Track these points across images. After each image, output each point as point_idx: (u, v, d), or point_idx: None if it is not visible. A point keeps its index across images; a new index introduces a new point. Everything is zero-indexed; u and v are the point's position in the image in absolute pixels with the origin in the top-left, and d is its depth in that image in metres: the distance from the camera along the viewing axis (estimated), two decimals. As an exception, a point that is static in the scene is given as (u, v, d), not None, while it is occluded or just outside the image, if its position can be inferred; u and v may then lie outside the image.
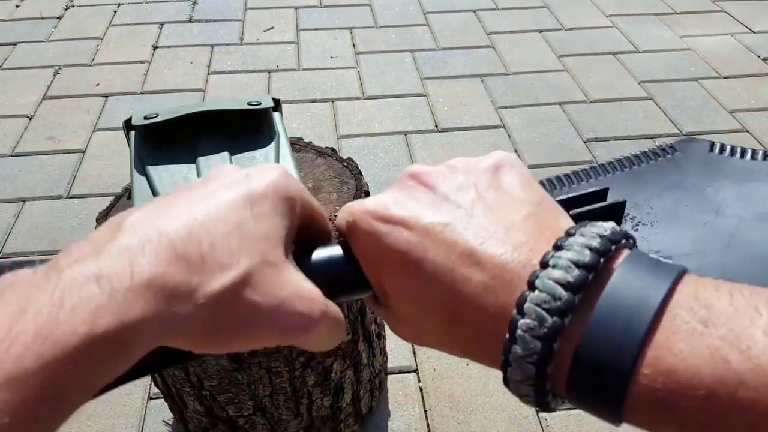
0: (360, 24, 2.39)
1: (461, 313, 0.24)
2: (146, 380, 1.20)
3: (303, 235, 0.29)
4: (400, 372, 1.22)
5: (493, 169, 0.28)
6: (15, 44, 2.25)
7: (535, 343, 0.22)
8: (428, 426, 1.14)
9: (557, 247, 0.23)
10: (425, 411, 1.16)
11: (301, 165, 0.90)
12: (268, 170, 0.27)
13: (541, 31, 2.34)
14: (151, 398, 1.18)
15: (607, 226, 0.23)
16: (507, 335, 0.22)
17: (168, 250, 0.22)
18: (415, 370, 1.23)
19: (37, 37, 2.29)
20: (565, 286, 0.22)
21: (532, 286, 0.22)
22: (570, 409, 1.16)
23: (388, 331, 1.25)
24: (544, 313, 0.22)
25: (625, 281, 0.22)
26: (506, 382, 0.23)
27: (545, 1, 2.54)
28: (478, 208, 0.26)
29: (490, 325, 0.24)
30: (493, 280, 0.24)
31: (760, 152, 0.39)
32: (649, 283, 0.21)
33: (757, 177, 0.38)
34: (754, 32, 2.33)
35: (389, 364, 1.22)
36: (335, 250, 0.29)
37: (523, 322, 0.22)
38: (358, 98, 1.99)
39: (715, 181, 0.37)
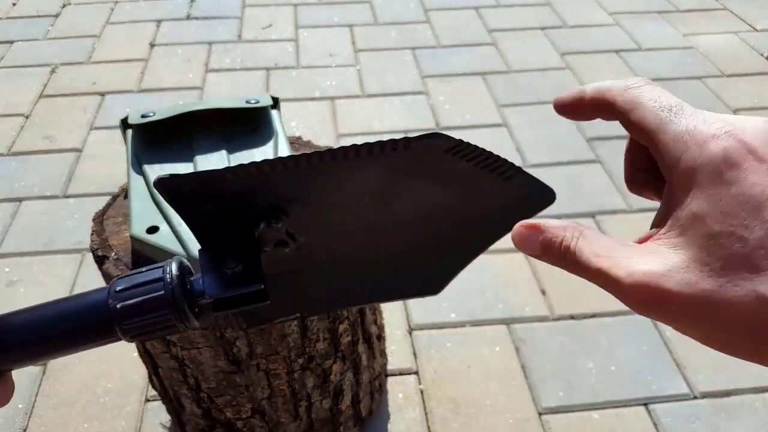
0: (360, 21, 2.38)
1: None
2: (144, 382, 1.19)
3: None
4: (401, 374, 1.21)
5: None
6: (11, 42, 2.23)
7: None
8: (429, 429, 1.12)
9: None
10: (426, 413, 1.15)
11: (301, 164, 0.88)
12: None
13: (543, 29, 2.32)
14: (149, 400, 1.17)
15: None
16: None
17: None
18: (416, 372, 1.21)
19: (34, 36, 2.28)
20: None
21: None
22: (571, 411, 1.14)
23: (388, 332, 1.24)
24: None
25: None
26: None
27: (546, -1, 2.53)
28: None
29: None
30: None
31: (507, 163, 0.32)
32: None
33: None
34: (758, 30, 2.31)
35: (389, 366, 1.21)
36: None
37: None
38: (357, 96, 1.98)
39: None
